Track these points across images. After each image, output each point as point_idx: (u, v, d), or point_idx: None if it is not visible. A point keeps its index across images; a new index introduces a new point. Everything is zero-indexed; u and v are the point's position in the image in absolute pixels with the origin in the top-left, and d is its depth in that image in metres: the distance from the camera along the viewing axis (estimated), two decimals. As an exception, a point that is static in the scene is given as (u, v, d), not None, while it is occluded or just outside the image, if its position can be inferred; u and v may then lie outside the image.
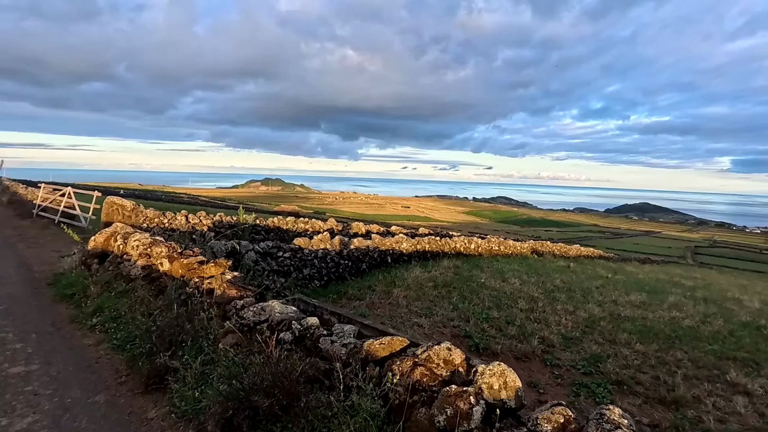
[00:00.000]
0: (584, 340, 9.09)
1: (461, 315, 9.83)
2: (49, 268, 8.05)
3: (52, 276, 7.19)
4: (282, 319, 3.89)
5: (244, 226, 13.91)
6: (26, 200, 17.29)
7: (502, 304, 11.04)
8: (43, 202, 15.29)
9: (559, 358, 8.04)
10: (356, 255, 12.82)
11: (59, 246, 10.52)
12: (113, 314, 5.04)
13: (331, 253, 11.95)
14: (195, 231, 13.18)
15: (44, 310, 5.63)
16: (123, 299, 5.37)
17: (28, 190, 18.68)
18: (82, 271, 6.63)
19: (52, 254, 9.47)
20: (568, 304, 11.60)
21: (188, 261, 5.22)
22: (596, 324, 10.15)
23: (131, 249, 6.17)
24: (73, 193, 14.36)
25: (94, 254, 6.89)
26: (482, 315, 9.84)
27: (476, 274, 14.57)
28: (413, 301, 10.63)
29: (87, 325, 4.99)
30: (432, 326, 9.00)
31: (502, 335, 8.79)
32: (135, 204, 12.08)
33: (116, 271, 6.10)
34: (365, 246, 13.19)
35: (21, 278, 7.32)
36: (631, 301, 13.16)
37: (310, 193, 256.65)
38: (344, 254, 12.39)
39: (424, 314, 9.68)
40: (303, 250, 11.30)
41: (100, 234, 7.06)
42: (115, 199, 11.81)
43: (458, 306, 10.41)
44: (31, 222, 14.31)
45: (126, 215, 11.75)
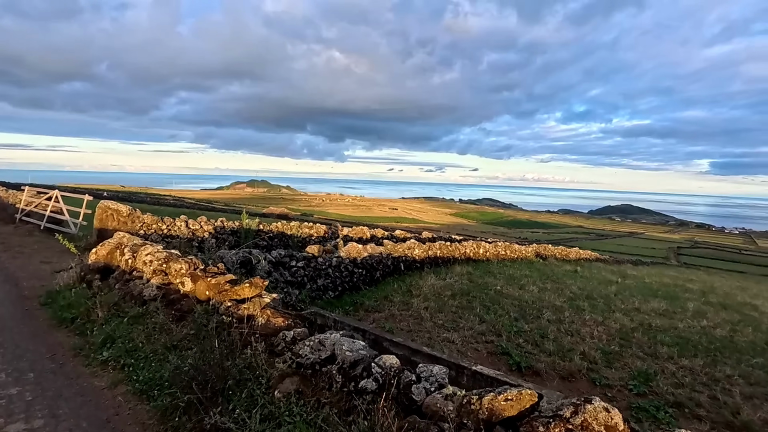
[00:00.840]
0: (624, 354, 8.52)
1: (490, 328, 9.16)
2: (40, 284, 7.09)
3: (45, 294, 6.26)
4: (355, 359, 3.13)
5: (247, 232, 13.03)
6: (7, 204, 16.09)
7: (527, 314, 10.42)
8: (27, 206, 14.14)
9: (606, 376, 7.43)
10: (370, 263, 12.05)
11: (48, 256, 9.52)
12: (128, 346, 4.19)
13: (344, 261, 11.16)
14: (195, 237, 12.26)
15: (40, 339, 4.74)
16: (137, 326, 4.52)
17: (10, 192, 17.45)
18: (82, 290, 5.74)
19: (41, 266, 8.49)
20: (594, 314, 11.04)
21: (216, 281, 4.41)
22: (630, 336, 9.61)
23: (142, 264, 5.31)
24: (61, 196, 13.27)
25: (95, 269, 6.00)
26: (512, 328, 9.18)
27: (491, 281, 13.95)
28: (435, 312, 9.93)
29: (96, 359, 4.13)
30: (464, 342, 8.30)
31: (539, 351, 8.16)
32: (131, 209, 11.11)
33: (125, 290, 5.24)
34: (378, 253, 12.43)
35: (8, 296, 6.38)
36: (654, 309, 12.68)
37: (297, 195, 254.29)
38: (358, 262, 11.62)
39: (451, 328, 8.99)
40: (317, 259, 10.49)
41: (102, 245, 6.17)
42: (110, 204, 10.83)
43: (485, 318, 9.76)
44: (14, 228, 13.17)
45: (121, 221, 10.78)
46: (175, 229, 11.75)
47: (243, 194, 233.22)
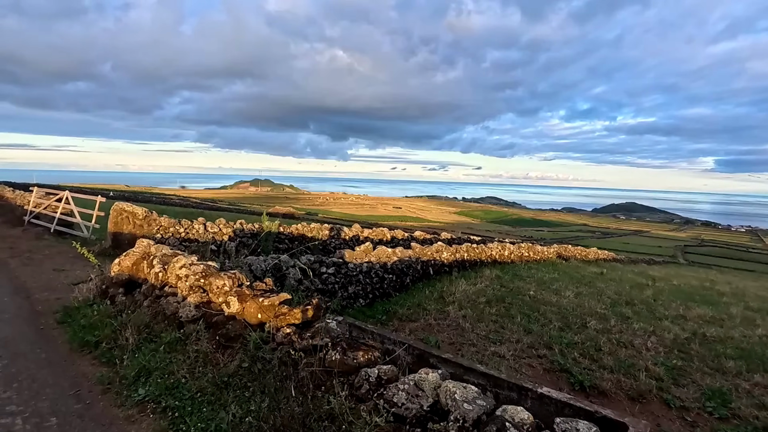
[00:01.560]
0: (688, 369, 7.75)
1: (538, 340, 8.41)
2: (55, 297, 6.39)
3: (61, 310, 5.55)
4: (477, 414, 2.42)
5: (268, 235, 12.33)
6: (15, 205, 15.44)
7: (571, 323, 9.67)
8: (36, 208, 13.47)
9: (678, 396, 6.67)
10: (400, 267, 11.32)
11: (60, 263, 8.83)
12: (168, 382, 3.48)
13: (375, 266, 10.43)
14: (215, 241, 11.55)
15: (60, 369, 4.03)
16: (176, 354, 3.81)
17: (17, 193, 16.82)
18: (104, 306, 5.03)
19: (54, 275, 7.80)
20: (641, 322, 10.28)
21: (270, 301, 3.70)
22: (687, 348, 8.85)
23: (176, 279, 4.60)
24: (72, 197, 12.59)
25: (118, 282, 5.29)
26: (561, 339, 8.42)
27: (522, 286, 13.20)
28: (475, 322, 9.18)
29: (130, 398, 3.42)
30: (515, 357, 7.55)
31: (598, 366, 7.40)
32: (147, 211, 10.41)
33: (155, 308, 4.53)
34: (407, 257, 11.69)
35: (20, 312, 5.68)
36: (700, 315, 11.91)
37: (300, 194, 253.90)
38: (388, 267, 10.89)
39: (496, 340, 8.24)
40: (347, 264, 9.76)
41: (126, 255, 5.45)
42: (125, 206, 10.13)
43: (530, 328, 9.01)
44: (22, 231, 12.50)
45: (137, 224, 10.08)
46: (193, 232, 11.05)
47: (247, 193, 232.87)
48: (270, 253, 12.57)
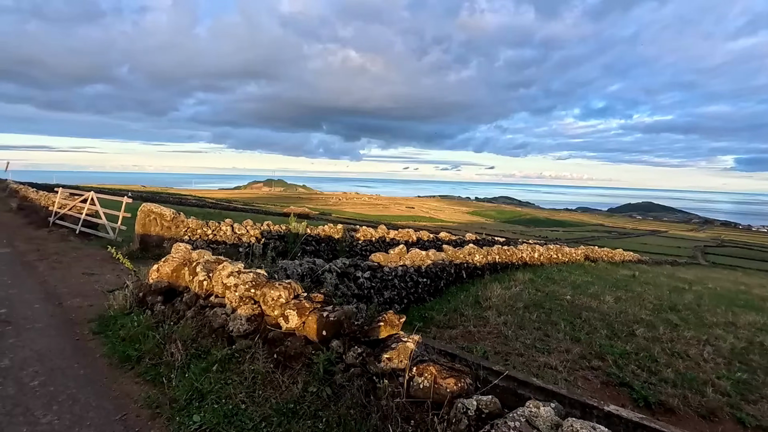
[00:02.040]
0: (754, 383, 7.17)
1: (588, 349, 7.88)
2: (87, 303, 6.07)
3: (97, 319, 5.22)
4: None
5: (296, 237, 11.97)
6: (39, 206, 15.34)
7: (617, 330, 9.11)
8: (60, 209, 13.30)
9: (752, 414, 6.11)
10: (434, 271, 10.87)
11: (89, 265, 8.56)
12: (226, 407, 3.07)
13: (410, 270, 10.00)
14: (242, 242, 11.22)
15: (102, 388, 3.66)
16: (230, 374, 3.42)
17: (41, 194, 16.73)
18: (144, 317, 4.67)
19: (83, 279, 7.51)
20: (692, 330, 9.67)
21: (335, 316, 3.28)
22: (747, 359, 8.24)
23: (222, 288, 4.20)
24: (96, 198, 12.37)
25: (157, 290, 4.93)
26: (612, 349, 7.89)
27: (557, 290, 12.64)
28: (517, 329, 8.67)
29: (185, 426, 3.01)
30: (567, 368, 7.03)
31: (658, 380, 6.85)
32: (175, 212, 10.11)
33: (200, 320, 4.15)
34: (441, 260, 11.23)
35: (53, 320, 5.36)
36: (750, 322, 11.23)
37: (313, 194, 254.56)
38: (422, 271, 10.45)
39: (543, 349, 7.72)
40: (383, 268, 9.34)
41: (165, 261, 5.08)
42: (153, 207, 9.84)
43: (577, 336, 8.47)
44: (47, 232, 12.32)
45: (165, 226, 9.79)
46: (221, 234, 10.73)
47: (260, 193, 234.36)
48: (297, 256, 12.22)
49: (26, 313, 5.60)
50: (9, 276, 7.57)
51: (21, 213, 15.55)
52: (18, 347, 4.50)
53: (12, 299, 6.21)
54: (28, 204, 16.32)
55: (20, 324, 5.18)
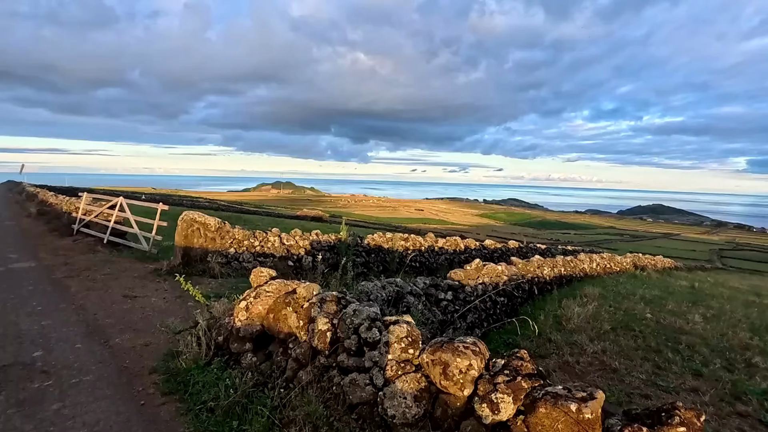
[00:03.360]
0: None
1: (719, 387, 6.51)
2: (141, 342, 4.82)
3: (162, 368, 3.97)
4: None
5: (347, 248, 10.72)
6: (61, 211, 14.22)
7: (731, 359, 7.72)
8: (85, 215, 12.14)
9: None
10: (510, 288, 9.56)
11: (128, 285, 7.32)
12: None
13: (488, 288, 8.69)
14: (291, 255, 9.97)
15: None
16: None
17: (60, 198, 15.61)
18: (230, 374, 3.41)
19: (127, 304, 6.25)
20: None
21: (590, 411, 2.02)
22: None
23: (355, 341, 2.92)
24: (127, 204, 11.17)
25: (246, 336, 3.68)
26: (747, 386, 6.51)
27: (632, 307, 11.23)
28: (621, 359, 7.31)
29: None
30: (712, 415, 5.69)
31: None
32: (220, 221, 8.87)
33: (326, 388, 2.89)
34: (514, 274, 9.92)
35: (103, 369, 4.12)
36: None
37: (322, 196, 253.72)
38: (500, 288, 9.14)
39: (667, 388, 6.37)
40: (464, 288, 8.04)
41: (258, 297, 3.78)
42: (196, 216, 8.62)
43: (697, 370, 7.10)
44: (72, 241, 11.16)
45: (209, 236, 8.57)
46: (269, 246, 9.50)
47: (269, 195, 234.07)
48: (349, 269, 10.95)
49: (68, 358, 4.36)
50: (39, 299, 6.36)
51: (41, 219, 14.45)
52: (65, 419, 3.27)
53: (47, 335, 4.98)
54: (48, 209, 15.23)
55: (63, 376, 3.95)
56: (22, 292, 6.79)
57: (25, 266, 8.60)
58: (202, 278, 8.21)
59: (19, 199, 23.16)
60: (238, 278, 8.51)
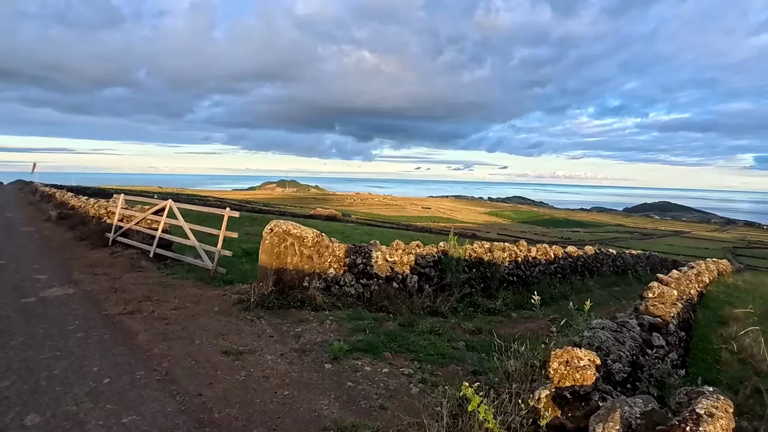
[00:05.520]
0: None
1: None
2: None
3: None
4: None
5: (457, 263, 8.52)
6: (87, 215, 12.05)
7: None
8: (122, 222, 9.96)
9: None
10: (685, 316, 7.36)
11: (215, 326, 5.09)
12: None
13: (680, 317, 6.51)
14: (395, 274, 7.76)
15: None
16: None
17: (83, 200, 13.43)
18: None
19: (235, 368, 4.06)
20: None
21: None
22: None
23: None
24: (177, 209, 8.95)
25: None
26: None
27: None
28: None
29: None
30: None
31: None
32: (318, 234, 6.66)
33: None
34: (681, 296, 7.70)
35: None
36: None
37: (327, 194, 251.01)
38: (680, 318, 6.92)
39: None
40: (668, 326, 5.85)
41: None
42: (290, 227, 6.40)
43: None
44: (111, 255, 8.99)
45: (305, 255, 6.36)
46: (372, 263, 7.31)
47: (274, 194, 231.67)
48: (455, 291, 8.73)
49: None
50: (98, 359, 4.14)
51: (64, 224, 12.30)
52: None
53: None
54: (69, 212, 13.07)
55: None
56: (68, 342, 4.61)
57: (61, 294, 6.42)
58: (302, 311, 6.03)
59: (33, 200, 21.01)
60: (346, 310, 6.34)
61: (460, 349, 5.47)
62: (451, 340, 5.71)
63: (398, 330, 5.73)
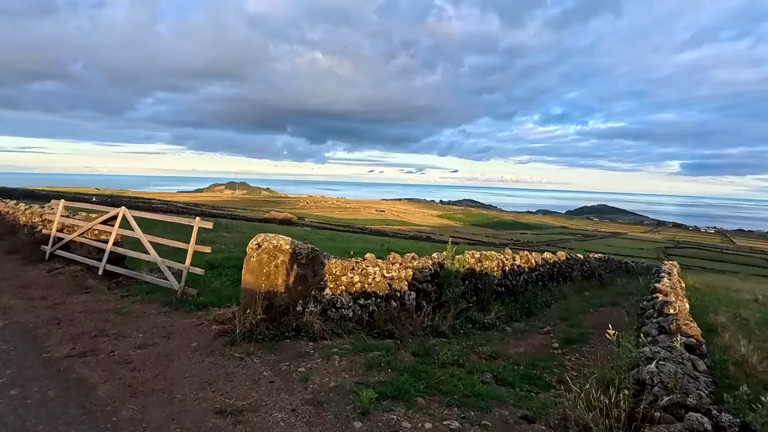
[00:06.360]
0: None
1: None
2: None
3: None
4: None
5: (455, 276, 7.78)
6: (16, 224, 10.19)
7: None
8: (63, 232, 8.39)
9: None
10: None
11: (196, 370, 4.00)
12: None
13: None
14: (393, 292, 6.91)
15: None
16: None
17: (10, 205, 11.42)
18: None
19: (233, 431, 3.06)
20: None
21: None
22: None
23: None
24: (133, 217, 7.56)
25: None
26: None
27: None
28: None
29: None
30: None
31: None
32: (312, 249, 5.64)
33: None
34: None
35: None
36: None
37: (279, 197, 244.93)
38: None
39: None
40: (701, 347, 5.42)
41: None
42: (281, 242, 5.34)
43: None
44: (48, 272, 7.48)
45: (298, 274, 5.36)
46: (370, 280, 6.41)
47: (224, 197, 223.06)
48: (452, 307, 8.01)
49: None
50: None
51: (-14, 234, 10.39)
52: None
53: None
54: (-6, 220, 11.08)
55: None
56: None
57: (-15, 328, 5.05)
58: (298, 342, 5.05)
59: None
60: (348, 338, 5.41)
61: (490, 383, 4.73)
62: (473, 371, 4.97)
63: (416, 362, 4.91)
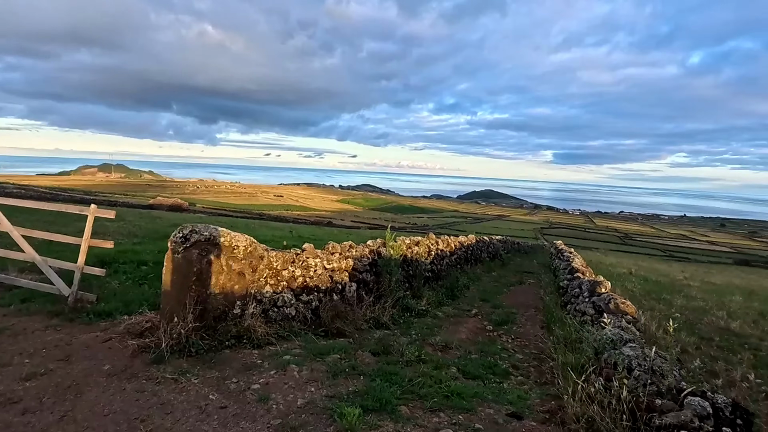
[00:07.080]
0: None
1: None
2: None
3: None
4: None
5: (395, 264, 7.36)
6: None
7: None
8: None
9: None
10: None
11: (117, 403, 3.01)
12: None
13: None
14: (335, 284, 6.32)
15: None
16: None
17: None
18: None
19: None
20: None
21: None
22: None
23: None
24: (-2, 207, 5.81)
25: None
26: None
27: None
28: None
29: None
30: None
31: None
32: (251, 241, 4.75)
33: None
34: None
35: None
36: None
37: (164, 181, 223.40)
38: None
39: None
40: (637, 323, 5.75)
41: None
42: (212, 232, 4.38)
43: None
44: None
45: (235, 270, 4.48)
46: (311, 273, 5.71)
47: (97, 180, 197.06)
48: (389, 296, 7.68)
49: None
50: None
51: None
52: None
53: None
54: None
55: None
56: None
57: None
58: (240, 351, 4.25)
59: None
60: (296, 341, 4.71)
61: (458, 378, 4.47)
62: (439, 366, 4.66)
63: (380, 363, 4.44)
